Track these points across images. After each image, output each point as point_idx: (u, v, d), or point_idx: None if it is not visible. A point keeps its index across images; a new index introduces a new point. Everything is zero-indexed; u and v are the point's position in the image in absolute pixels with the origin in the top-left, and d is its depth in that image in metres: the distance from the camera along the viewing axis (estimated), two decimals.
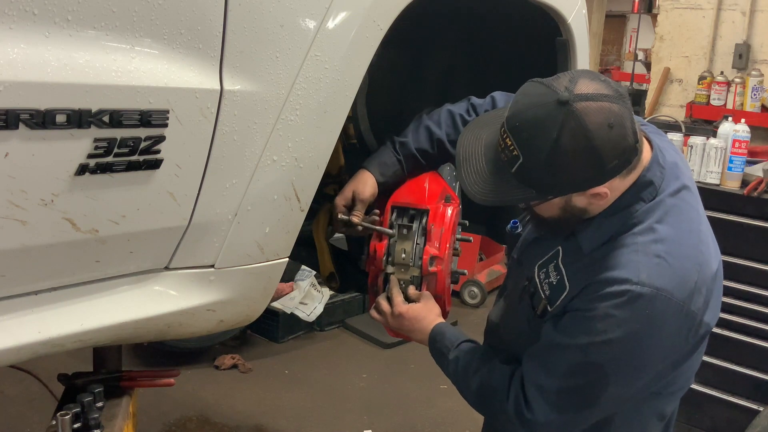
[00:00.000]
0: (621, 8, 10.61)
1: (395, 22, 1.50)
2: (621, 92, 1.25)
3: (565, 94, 1.21)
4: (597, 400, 1.33)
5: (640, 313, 1.25)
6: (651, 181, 1.33)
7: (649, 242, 1.29)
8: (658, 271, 1.26)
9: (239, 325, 1.57)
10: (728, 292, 3.05)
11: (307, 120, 1.39)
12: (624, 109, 1.23)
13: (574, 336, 1.30)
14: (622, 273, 1.26)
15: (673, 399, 1.46)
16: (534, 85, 1.27)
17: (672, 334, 1.28)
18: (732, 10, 4.57)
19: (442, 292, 1.71)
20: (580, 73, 1.28)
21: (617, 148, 1.23)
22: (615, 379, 1.30)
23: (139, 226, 1.27)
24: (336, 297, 4.33)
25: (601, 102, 1.22)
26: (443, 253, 1.69)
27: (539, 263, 1.45)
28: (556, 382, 1.33)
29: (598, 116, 1.20)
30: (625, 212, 1.32)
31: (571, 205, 1.32)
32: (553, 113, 1.21)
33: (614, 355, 1.28)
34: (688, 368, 1.40)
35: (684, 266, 1.28)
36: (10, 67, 1.02)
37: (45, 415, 1.59)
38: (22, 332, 1.19)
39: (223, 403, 3.48)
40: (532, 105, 1.25)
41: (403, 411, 3.50)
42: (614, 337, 1.26)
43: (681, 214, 1.33)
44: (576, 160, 1.22)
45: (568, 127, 1.20)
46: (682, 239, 1.31)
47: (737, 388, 3.08)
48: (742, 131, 3.06)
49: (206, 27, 1.22)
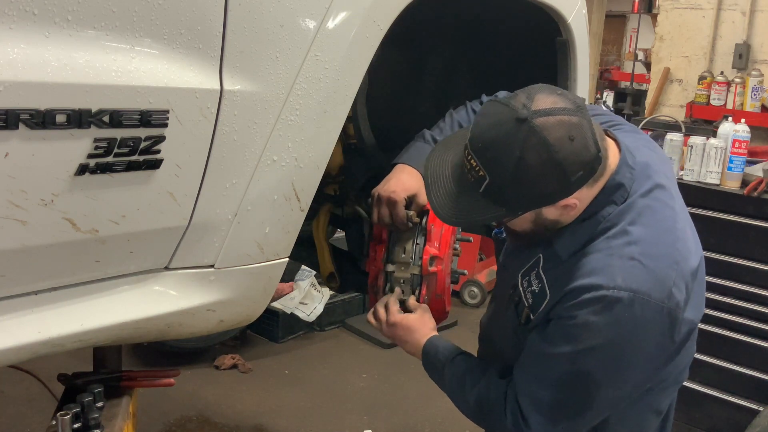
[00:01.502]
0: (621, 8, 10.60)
1: (395, 22, 1.50)
2: (579, 104, 1.27)
3: (523, 112, 1.23)
4: (591, 406, 1.33)
5: (619, 317, 1.25)
6: (621, 184, 1.33)
7: (622, 245, 1.29)
8: (633, 273, 1.26)
9: (239, 325, 1.57)
10: (728, 292, 3.07)
11: (307, 120, 1.39)
12: (583, 120, 1.25)
13: (558, 345, 1.31)
14: (598, 279, 1.26)
15: (668, 393, 1.46)
16: (493, 105, 1.29)
17: (656, 335, 1.28)
18: (732, 10, 4.57)
19: (442, 292, 1.71)
20: (536, 88, 1.29)
21: (580, 159, 1.24)
22: (605, 384, 1.30)
23: (139, 226, 1.27)
24: (336, 297, 4.33)
25: (560, 116, 1.23)
26: (443, 253, 1.69)
27: (522, 271, 1.46)
28: (549, 393, 1.33)
29: (558, 130, 1.22)
30: (598, 216, 1.33)
31: (543, 218, 1.34)
32: (514, 131, 1.23)
33: (600, 361, 1.28)
34: (679, 363, 1.40)
35: (660, 266, 1.28)
36: (10, 67, 1.02)
37: (45, 415, 1.59)
38: (22, 332, 1.19)
39: (223, 403, 3.48)
40: (492, 125, 1.26)
41: (403, 411, 3.50)
42: (597, 344, 1.26)
43: (654, 214, 1.33)
44: (541, 176, 1.24)
45: (530, 144, 1.22)
46: (657, 239, 1.31)
47: (737, 388, 3.08)
48: (742, 131, 3.06)
49: (206, 27, 1.22)
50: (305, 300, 4.16)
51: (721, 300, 3.09)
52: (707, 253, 2.99)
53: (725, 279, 3.08)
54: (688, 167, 3.19)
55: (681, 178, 3.20)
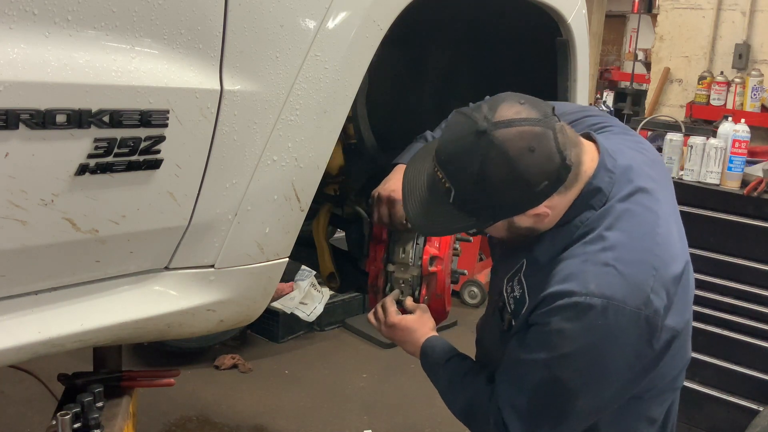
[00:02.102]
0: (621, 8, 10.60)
1: (395, 22, 1.50)
2: (545, 112, 1.26)
3: (483, 124, 1.23)
4: (569, 414, 1.31)
5: (593, 324, 1.23)
6: (599, 188, 1.31)
7: (597, 251, 1.27)
8: (607, 280, 1.24)
9: (239, 325, 1.57)
10: (728, 292, 3.07)
11: (307, 120, 1.39)
12: (546, 130, 1.23)
13: (534, 351, 1.29)
14: (571, 285, 1.25)
15: (661, 401, 1.43)
16: (457, 116, 1.30)
17: (632, 342, 1.26)
18: (732, 10, 4.57)
19: (442, 292, 1.71)
20: (502, 98, 1.28)
21: (543, 170, 1.23)
22: (581, 391, 1.28)
23: (139, 226, 1.27)
24: (336, 297, 4.32)
25: (520, 126, 1.22)
26: (443, 253, 1.69)
27: (507, 276, 1.45)
28: (526, 399, 1.32)
29: (518, 142, 1.21)
30: (576, 222, 1.32)
31: (516, 226, 1.33)
32: (474, 144, 1.23)
33: (575, 368, 1.26)
34: (665, 372, 1.37)
35: (636, 272, 1.25)
36: (10, 67, 1.02)
37: (45, 415, 1.59)
38: (22, 332, 1.19)
39: (223, 403, 3.48)
40: (454, 138, 1.27)
41: (403, 411, 3.50)
42: (571, 351, 1.25)
43: (633, 218, 1.30)
44: (504, 187, 1.24)
45: (490, 157, 1.22)
46: (634, 244, 1.28)
47: (737, 388, 3.08)
48: (742, 131, 3.06)
49: (206, 27, 1.22)
50: (305, 300, 4.15)
51: (721, 300, 3.09)
52: (707, 253, 3.06)
53: (725, 279, 3.08)
54: (688, 167, 3.19)
55: (681, 178, 3.20)
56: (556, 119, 1.27)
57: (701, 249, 3.06)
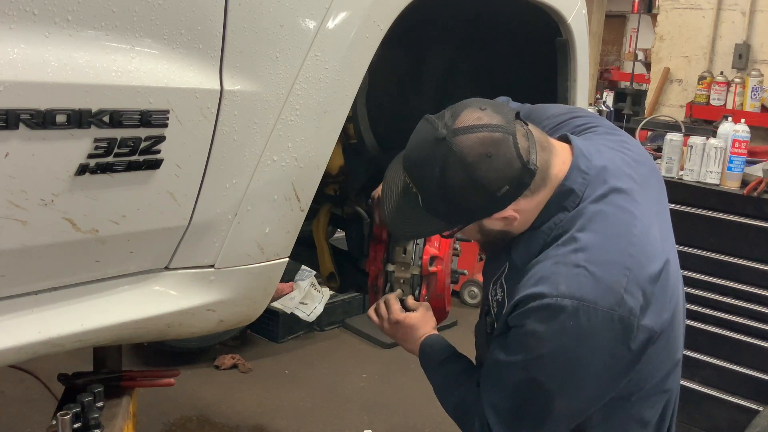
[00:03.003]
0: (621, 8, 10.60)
1: (395, 22, 1.50)
2: (507, 118, 1.27)
3: (442, 131, 1.26)
4: (549, 415, 1.31)
5: (564, 326, 1.23)
6: (571, 189, 1.32)
7: (569, 252, 1.27)
8: (577, 281, 1.23)
9: (239, 325, 1.57)
10: (728, 292, 3.07)
11: (307, 120, 1.39)
12: (506, 136, 1.25)
13: (512, 353, 1.30)
14: (543, 288, 1.25)
15: (650, 404, 1.41)
16: (422, 123, 1.34)
17: (607, 343, 1.25)
18: (732, 10, 4.57)
19: (442, 291, 1.71)
20: (465, 104, 1.31)
21: (503, 175, 1.25)
22: (559, 392, 1.28)
23: (139, 226, 1.27)
24: (336, 297, 4.32)
25: (479, 132, 1.25)
26: (443, 253, 1.70)
27: (493, 280, 1.46)
28: (506, 400, 1.33)
29: (475, 148, 1.24)
30: (550, 224, 1.32)
31: (488, 229, 1.36)
32: (434, 151, 1.27)
33: (551, 369, 1.26)
34: (649, 373, 1.35)
35: (608, 273, 1.24)
36: (10, 67, 1.02)
37: (45, 415, 1.59)
38: (22, 332, 1.19)
39: (223, 403, 3.48)
40: (417, 144, 1.32)
41: (403, 411, 3.50)
42: (545, 353, 1.25)
43: (606, 219, 1.30)
44: (465, 193, 1.26)
45: (448, 163, 1.25)
46: (606, 245, 1.27)
47: (737, 388, 3.08)
48: (742, 131, 3.06)
49: (206, 27, 1.22)
50: (305, 300, 4.15)
51: (721, 300, 3.09)
52: (707, 253, 3.06)
53: (725, 279, 3.08)
54: (687, 167, 3.19)
55: (681, 178, 3.20)
56: (521, 124, 1.29)
57: (701, 249, 3.07)
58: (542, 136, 1.33)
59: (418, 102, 2.33)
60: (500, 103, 1.32)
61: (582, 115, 1.58)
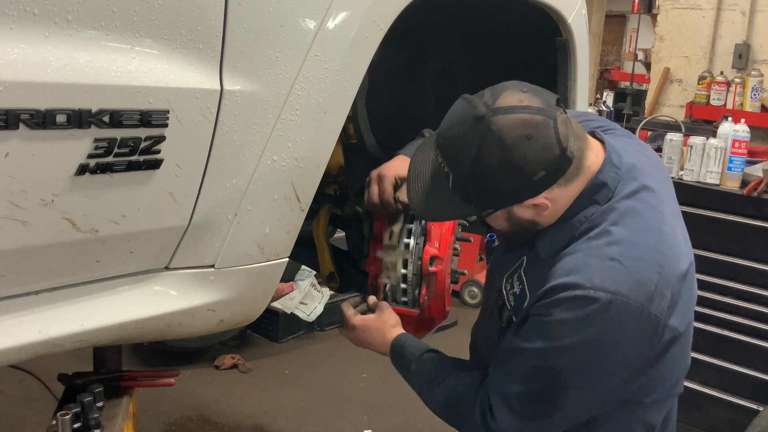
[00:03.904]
0: (621, 8, 10.60)
1: (395, 22, 1.50)
2: (548, 102, 1.24)
3: (482, 110, 1.23)
4: (558, 406, 1.30)
5: (595, 318, 1.22)
6: (604, 183, 1.30)
7: (603, 245, 1.26)
8: (612, 274, 1.22)
9: (239, 325, 1.57)
10: (728, 292, 3.07)
11: (307, 120, 1.39)
12: (547, 119, 1.22)
13: (532, 341, 1.28)
14: (576, 278, 1.23)
15: (659, 408, 1.40)
16: (460, 102, 1.30)
17: (633, 339, 1.24)
18: (732, 10, 4.57)
19: (442, 292, 1.71)
20: (506, 86, 1.28)
21: (541, 159, 1.22)
22: (575, 384, 1.27)
23: (139, 226, 1.27)
24: (336, 297, 4.32)
25: (520, 114, 1.22)
26: (443, 253, 1.69)
27: (507, 274, 1.45)
28: (516, 387, 1.31)
29: (515, 129, 1.20)
30: (580, 217, 1.30)
31: (516, 217, 1.32)
32: (472, 129, 1.23)
33: (572, 360, 1.25)
34: (664, 376, 1.35)
35: (641, 268, 1.24)
36: (10, 67, 1.02)
37: (45, 415, 1.59)
38: (22, 332, 1.19)
39: (223, 403, 3.48)
40: (454, 122, 1.28)
41: (403, 411, 3.50)
42: (570, 343, 1.23)
43: (639, 215, 1.29)
44: (499, 175, 1.23)
45: (486, 143, 1.21)
46: (639, 241, 1.27)
47: (737, 388, 3.08)
48: (742, 131, 3.06)
49: (206, 27, 1.22)
50: (305, 300, 4.15)
51: (721, 300, 3.09)
52: (707, 253, 3.06)
53: (725, 279, 3.08)
54: (687, 167, 3.19)
55: (681, 178, 3.20)
56: (561, 110, 1.26)
57: (701, 249, 3.06)
58: (578, 127, 1.31)
59: (418, 102, 2.33)
60: (540, 88, 1.29)
61: (595, 118, 1.59)
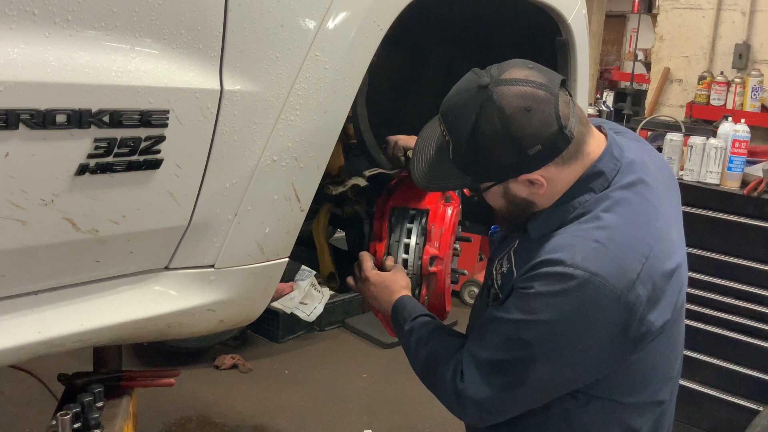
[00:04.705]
0: (621, 8, 10.60)
1: (395, 22, 1.50)
2: (553, 80, 1.27)
3: (486, 80, 1.26)
4: (525, 380, 1.30)
5: (571, 295, 1.22)
6: (602, 172, 1.32)
7: (591, 228, 1.27)
8: (594, 255, 1.23)
9: (239, 325, 1.57)
10: (728, 292, 3.08)
11: (307, 120, 1.39)
12: (549, 95, 1.24)
13: (509, 311, 1.30)
14: (559, 255, 1.25)
15: (638, 414, 1.39)
16: (468, 74, 1.33)
17: (607, 323, 1.24)
18: (732, 10, 4.57)
19: (442, 291, 1.71)
20: (514, 62, 1.31)
21: (538, 133, 1.23)
22: (543, 359, 1.27)
23: (139, 226, 1.27)
24: (336, 297, 4.33)
25: (523, 87, 1.24)
26: (443, 253, 1.69)
27: (498, 257, 1.47)
28: (488, 353, 1.33)
29: (515, 100, 1.23)
30: (574, 202, 1.32)
31: (512, 194, 1.34)
32: (474, 98, 1.26)
33: (544, 334, 1.26)
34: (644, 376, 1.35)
35: (625, 255, 1.25)
36: (10, 67, 1.02)
37: (45, 415, 1.59)
38: (22, 332, 1.19)
39: (223, 403, 3.48)
40: (458, 91, 1.32)
41: (403, 411, 3.50)
42: (545, 318, 1.24)
43: (632, 206, 1.30)
44: (496, 144, 1.25)
45: (486, 112, 1.24)
46: (628, 229, 1.27)
47: (737, 388, 3.09)
48: (742, 131, 3.06)
49: (206, 27, 1.22)
50: (305, 300, 4.16)
51: (721, 300, 3.09)
52: (707, 253, 3.06)
53: (725, 279, 3.09)
54: (688, 167, 3.19)
55: (681, 178, 3.20)
56: (565, 91, 1.28)
57: (701, 249, 3.07)
58: (582, 113, 1.33)
59: (418, 102, 2.33)
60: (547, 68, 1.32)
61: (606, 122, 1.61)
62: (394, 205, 1.72)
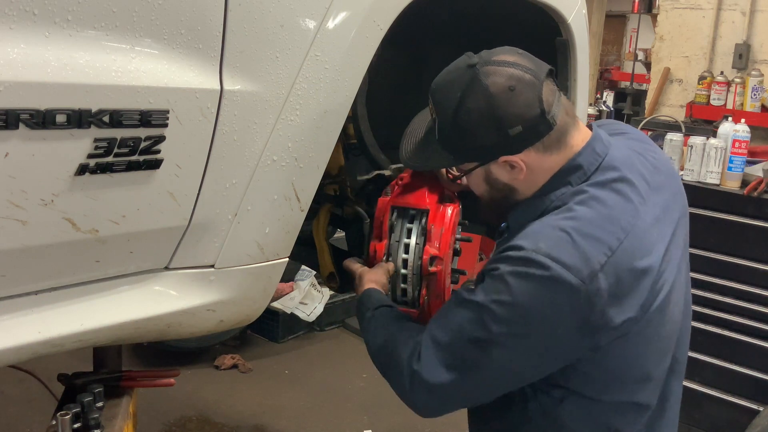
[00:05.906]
0: (621, 8, 10.59)
1: (395, 22, 1.50)
2: (541, 68, 1.31)
3: (475, 59, 1.31)
4: (479, 365, 1.29)
5: (533, 279, 1.23)
6: (580, 166, 1.33)
7: (560, 218, 1.29)
8: (558, 243, 1.24)
9: (239, 325, 1.57)
10: (728, 292, 3.08)
11: (307, 120, 1.39)
12: (534, 80, 1.28)
13: (473, 293, 1.30)
14: (525, 242, 1.26)
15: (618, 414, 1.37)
16: (462, 56, 1.37)
17: (564, 312, 1.23)
18: (732, 10, 4.57)
19: (442, 291, 1.71)
20: (506, 48, 1.35)
21: (520, 114, 1.26)
22: (502, 342, 1.26)
23: (139, 226, 1.27)
24: (336, 297, 4.32)
25: (510, 68, 1.29)
26: (443, 253, 1.69)
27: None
28: (447, 336, 1.32)
29: (500, 79, 1.27)
30: (551, 195, 1.34)
31: (493, 177, 1.37)
32: (462, 76, 1.31)
33: (504, 315, 1.25)
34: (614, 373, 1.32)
35: (590, 246, 1.24)
36: (10, 67, 1.02)
37: (45, 415, 1.59)
38: (22, 332, 1.19)
39: (223, 403, 3.48)
40: (448, 70, 1.37)
41: (403, 411, 3.46)
42: (504, 300, 1.25)
43: (606, 201, 1.29)
44: (479, 122, 1.29)
45: (471, 89, 1.28)
46: (597, 222, 1.27)
47: (737, 388, 3.09)
48: (742, 131, 3.06)
49: (206, 27, 1.23)
50: (305, 300, 4.16)
51: (721, 300, 3.09)
52: (707, 253, 3.07)
53: (725, 279, 3.09)
54: (688, 167, 3.19)
55: (681, 178, 3.19)
56: (552, 82, 1.31)
57: (701, 249, 3.06)
58: (570, 107, 1.35)
59: (418, 102, 2.32)
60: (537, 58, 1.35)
61: (609, 122, 1.62)
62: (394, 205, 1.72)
